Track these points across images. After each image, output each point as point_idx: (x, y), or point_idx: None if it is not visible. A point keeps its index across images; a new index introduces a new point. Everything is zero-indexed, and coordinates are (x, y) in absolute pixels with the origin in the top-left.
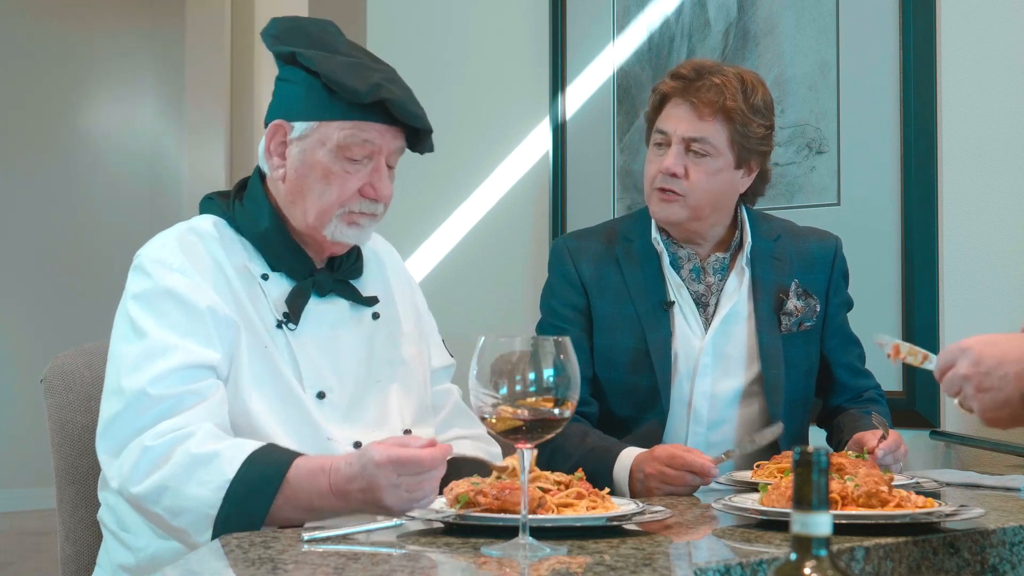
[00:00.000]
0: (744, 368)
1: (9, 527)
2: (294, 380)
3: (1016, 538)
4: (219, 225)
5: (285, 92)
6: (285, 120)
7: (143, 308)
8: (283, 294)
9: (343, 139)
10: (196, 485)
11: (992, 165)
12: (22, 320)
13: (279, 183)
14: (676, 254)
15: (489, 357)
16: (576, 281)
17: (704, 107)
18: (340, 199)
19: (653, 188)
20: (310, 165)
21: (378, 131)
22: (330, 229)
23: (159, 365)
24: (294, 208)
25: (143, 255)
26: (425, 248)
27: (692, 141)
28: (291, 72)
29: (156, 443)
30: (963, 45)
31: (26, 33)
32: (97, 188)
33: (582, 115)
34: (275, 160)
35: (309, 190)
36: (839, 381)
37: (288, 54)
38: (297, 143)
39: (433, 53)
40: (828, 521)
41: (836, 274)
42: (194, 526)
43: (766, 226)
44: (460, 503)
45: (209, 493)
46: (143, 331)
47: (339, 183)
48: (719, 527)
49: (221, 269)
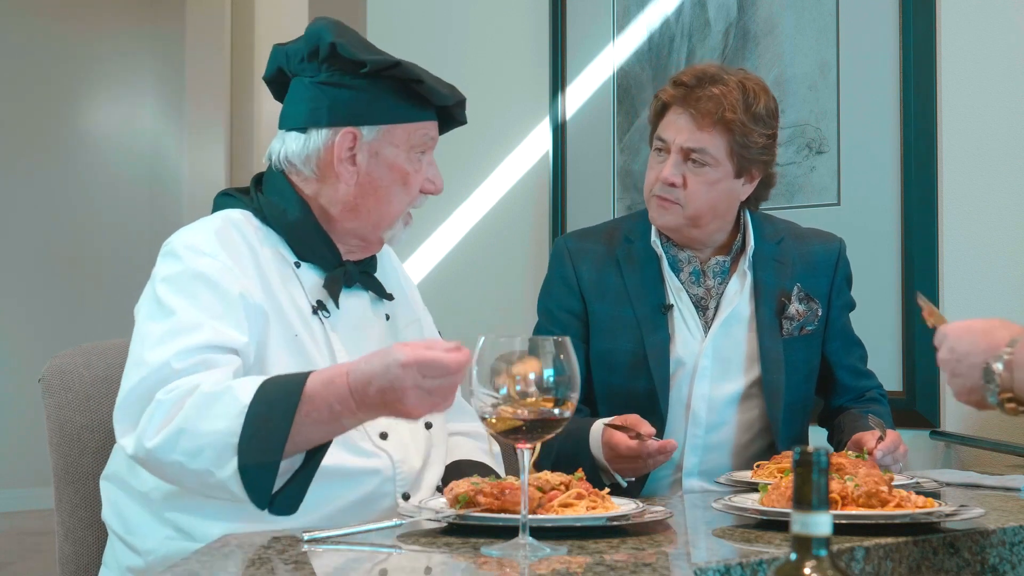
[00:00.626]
0: (743, 371)
1: (9, 527)
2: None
3: (1016, 538)
4: (247, 216)
5: (341, 97)
6: (352, 126)
7: (172, 290)
8: (315, 282)
9: (417, 140)
10: (212, 420)
11: (992, 165)
12: (22, 320)
13: (340, 187)
14: (676, 257)
15: (489, 357)
16: (574, 285)
17: (703, 117)
18: (411, 198)
19: (652, 194)
20: (387, 168)
21: (436, 129)
22: (393, 231)
23: (184, 341)
24: (359, 212)
25: (174, 241)
26: (425, 248)
27: (691, 151)
28: (346, 78)
29: (168, 396)
30: (963, 45)
31: (26, 33)
32: (97, 188)
33: (582, 115)
34: (347, 167)
35: (386, 192)
36: (841, 382)
37: (385, 63)
38: (368, 147)
39: (433, 53)
40: (828, 521)
41: (839, 277)
42: (215, 461)
43: (769, 228)
44: (460, 503)
45: (227, 423)
46: (171, 310)
47: (415, 182)
48: (719, 527)
49: (256, 256)
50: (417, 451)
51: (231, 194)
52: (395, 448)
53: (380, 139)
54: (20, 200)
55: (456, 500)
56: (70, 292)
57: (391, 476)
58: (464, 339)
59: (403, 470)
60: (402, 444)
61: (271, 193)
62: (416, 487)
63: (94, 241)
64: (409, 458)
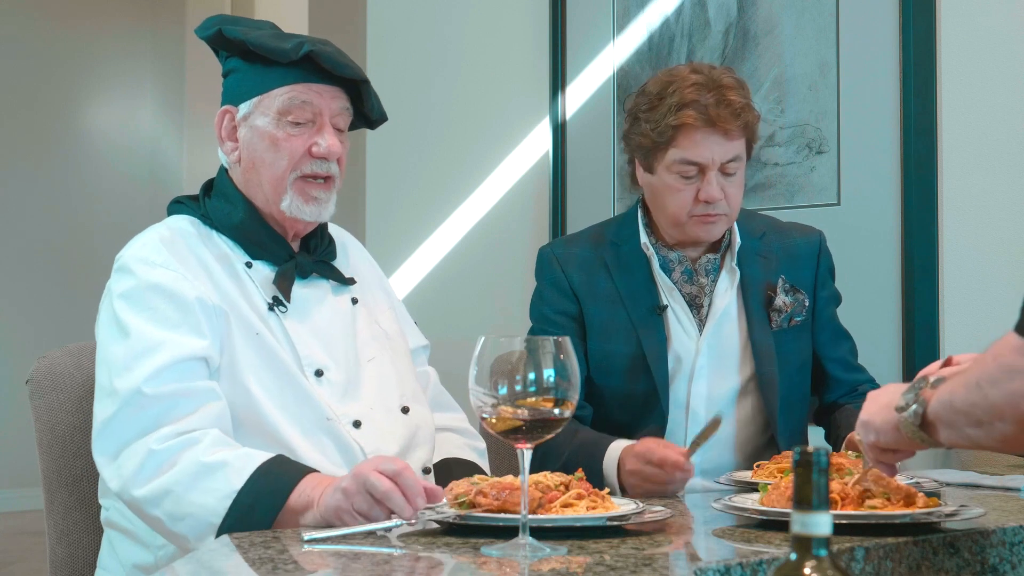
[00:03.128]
0: (739, 367)
1: (9, 527)
2: (291, 362)
3: (1016, 538)
4: (194, 223)
5: (228, 82)
6: (231, 104)
7: (129, 306)
8: (267, 279)
9: (283, 104)
10: (201, 493)
11: (992, 165)
12: (21, 320)
13: (237, 167)
14: (666, 257)
15: (489, 357)
16: (567, 287)
17: (733, 129)
18: (291, 162)
19: (690, 216)
20: (259, 137)
21: (316, 91)
22: (287, 202)
23: (150, 363)
24: (254, 187)
25: (125, 255)
26: (425, 248)
27: (728, 163)
28: (231, 63)
29: (161, 447)
30: (963, 45)
31: (26, 33)
32: (97, 188)
33: (582, 115)
34: (229, 145)
35: (261, 162)
36: (832, 376)
37: (215, 33)
38: (244, 122)
39: (433, 53)
40: (828, 521)
41: (822, 268)
42: (194, 531)
43: (751, 224)
44: (460, 503)
45: (215, 502)
46: (129, 329)
47: (286, 147)
48: (719, 527)
49: (203, 262)
50: (394, 437)
51: (182, 201)
52: (368, 437)
53: (252, 111)
54: (19, 199)
55: (456, 500)
56: (69, 292)
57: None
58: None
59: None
60: (378, 430)
61: (218, 196)
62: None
63: (93, 241)
64: (384, 446)
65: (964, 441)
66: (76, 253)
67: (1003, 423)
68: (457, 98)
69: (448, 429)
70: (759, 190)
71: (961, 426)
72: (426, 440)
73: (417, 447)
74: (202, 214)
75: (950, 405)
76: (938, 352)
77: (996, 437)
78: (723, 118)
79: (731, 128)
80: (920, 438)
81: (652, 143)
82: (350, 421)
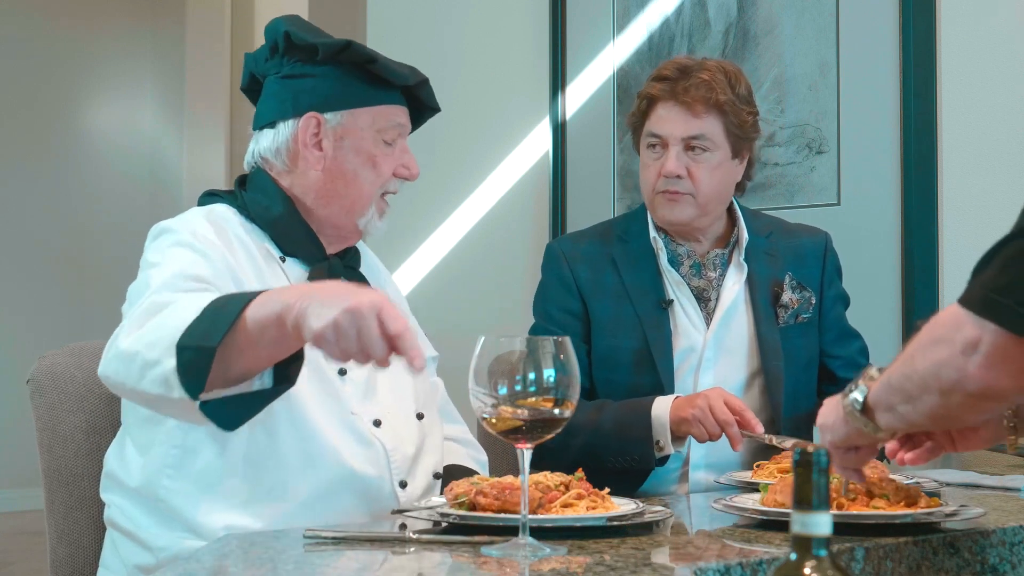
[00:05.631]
0: (746, 362)
1: (9, 527)
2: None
3: (1016, 538)
4: (233, 211)
5: (303, 87)
6: (316, 112)
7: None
8: (300, 276)
9: (383, 124)
10: (180, 312)
11: (992, 165)
12: (22, 320)
13: (310, 174)
14: (675, 251)
15: (489, 357)
16: (572, 285)
17: (697, 104)
18: (381, 181)
19: (656, 192)
20: (354, 152)
21: (404, 114)
22: (365, 219)
23: (167, 272)
24: (331, 197)
25: (163, 222)
26: (425, 248)
27: (691, 139)
28: (307, 68)
29: (149, 300)
30: (963, 45)
31: (26, 33)
32: (97, 188)
33: (582, 115)
34: (313, 152)
35: (353, 176)
36: (838, 376)
37: (336, 45)
38: (332, 132)
39: (433, 53)
40: (828, 521)
41: (828, 267)
42: (167, 350)
43: (757, 223)
44: (460, 503)
45: (189, 316)
46: (155, 264)
47: (384, 166)
48: (719, 527)
49: (245, 246)
50: (410, 439)
51: (216, 193)
52: (388, 436)
53: (344, 124)
54: (19, 200)
55: (456, 500)
56: (69, 292)
57: (385, 464)
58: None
59: (396, 458)
60: (395, 432)
61: (255, 191)
62: (412, 474)
63: (93, 241)
64: (402, 446)
65: (899, 422)
66: (76, 253)
67: (929, 395)
68: (457, 98)
69: (452, 439)
70: (759, 190)
71: (895, 404)
72: (437, 447)
73: (429, 452)
74: (239, 205)
75: (887, 384)
76: None
77: (925, 412)
78: (686, 91)
79: (693, 102)
80: (867, 427)
81: (635, 122)
82: (371, 419)
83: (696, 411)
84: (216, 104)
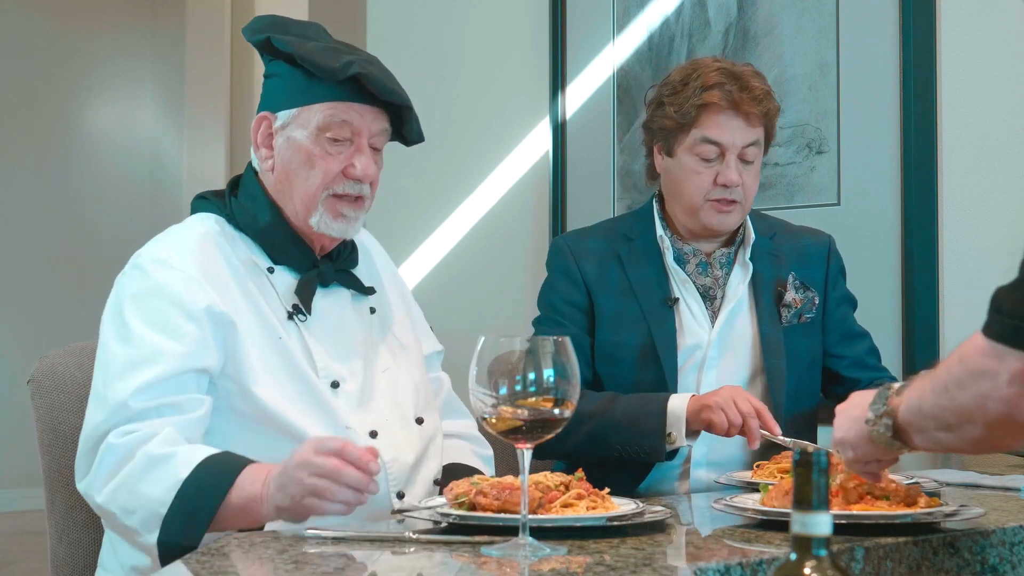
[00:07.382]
0: (749, 360)
1: (10, 527)
2: (309, 370)
3: (1016, 538)
4: (220, 223)
5: (269, 86)
6: (269, 111)
7: (136, 308)
8: (289, 286)
9: (323, 120)
10: (150, 483)
11: (992, 165)
12: (23, 320)
13: (269, 174)
14: (681, 250)
15: (489, 357)
16: (578, 278)
17: (755, 117)
18: (324, 181)
19: (706, 199)
20: (295, 150)
21: (357, 111)
22: (316, 218)
23: (144, 374)
24: (284, 198)
25: (142, 254)
26: (425, 248)
27: (746, 148)
28: (274, 66)
29: (119, 441)
30: (963, 45)
31: (26, 33)
32: (97, 188)
33: (582, 115)
34: (263, 152)
35: (295, 175)
36: (843, 376)
37: (264, 40)
38: (281, 132)
39: (433, 53)
40: (828, 521)
41: (832, 268)
42: (144, 524)
43: (762, 224)
44: (460, 503)
45: (162, 492)
46: (131, 332)
47: (322, 165)
48: (719, 527)
49: (229, 264)
50: (410, 447)
51: (207, 198)
52: (385, 447)
53: (291, 122)
54: (19, 199)
55: (456, 500)
56: (69, 292)
57: (382, 475)
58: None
59: (394, 469)
60: (393, 443)
61: (244, 198)
62: (411, 484)
63: (93, 241)
64: (401, 456)
65: (935, 445)
66: (76, 253)
67: (972, 426)
68: (457, 98)
69: (456, 435)
70: (759, 190)
71: (931, 430)
72: (437, 452)
73: (430, 458)
74: (227, 213)
75: (919, 410)
76: (938, 352)
77: (966, 440)
78: (745, 102)
79: (752, 113)
80: (895, 447)
81: (676, 124)
82: (367, 431)
83: (720, 399)
84: (216, 104)
